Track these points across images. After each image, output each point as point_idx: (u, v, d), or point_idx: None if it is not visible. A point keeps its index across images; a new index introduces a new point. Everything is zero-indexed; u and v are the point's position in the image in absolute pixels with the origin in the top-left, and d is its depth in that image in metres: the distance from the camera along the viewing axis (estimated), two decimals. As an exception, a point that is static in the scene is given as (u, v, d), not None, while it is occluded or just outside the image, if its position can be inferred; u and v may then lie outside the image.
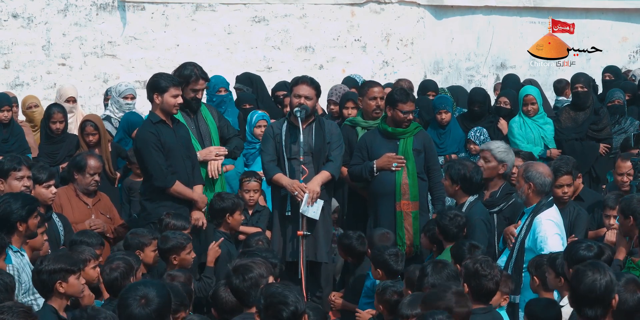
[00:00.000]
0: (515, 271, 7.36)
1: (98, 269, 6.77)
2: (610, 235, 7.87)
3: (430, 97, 11.58)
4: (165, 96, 8.29)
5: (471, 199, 8.19)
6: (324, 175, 8.76)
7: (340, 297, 8.31)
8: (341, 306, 8.27)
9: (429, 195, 9.12)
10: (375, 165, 8.88)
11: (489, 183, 8.55)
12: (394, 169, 8.85)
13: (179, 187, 8.26)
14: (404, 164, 8.86)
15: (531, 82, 12.69)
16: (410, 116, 9.01)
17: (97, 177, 8.61)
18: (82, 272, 6.38)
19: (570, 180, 8.55)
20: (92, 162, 8.58)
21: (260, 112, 10.50)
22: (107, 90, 12.07)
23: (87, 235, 7.38)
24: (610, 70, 13.46)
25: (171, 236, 7.36)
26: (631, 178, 8.66)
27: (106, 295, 6.59)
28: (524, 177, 7.51)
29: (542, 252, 7.11)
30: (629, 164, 8.73)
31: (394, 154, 8.90)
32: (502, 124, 11.11)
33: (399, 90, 9.20)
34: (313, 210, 8.60)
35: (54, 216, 7.87)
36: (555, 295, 6.62)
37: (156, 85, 8.34)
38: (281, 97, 11.58)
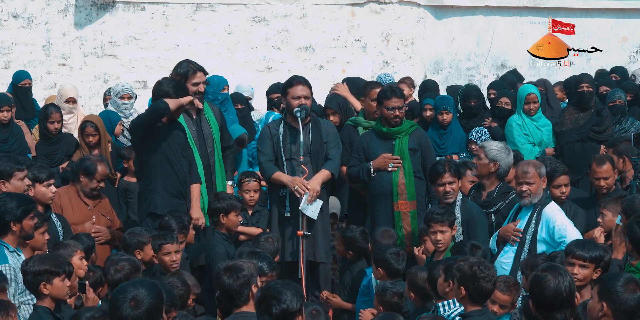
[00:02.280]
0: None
1: (84, 261, 6.78)
2: (597, 232, 7.78)
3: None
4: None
5: (458, 199, 8.21)
6: (324, 174, 8.76)
7: (334, 296, 8.30)
8: (337, 305, 8.26)
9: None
10: (371, 166, 8.86)
11: (485, 183, 8.57)
12: (390, 169, 8.83)
13: None
14: (400, 164, 8.85)
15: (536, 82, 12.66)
16: (397, 112, 8.92)
17: (102, 184, 8.66)
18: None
19: (568, 180, 8.57)
20: (101, 169, 8.61)
21: (277, 113, 10.53)
22: (106, 91, 12.08)
23: (78, 239, 7.36)
24: (617, 71, 13.44)
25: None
26: (607, 182, 8.71)
27: (91, 294, 6.58)
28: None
29: (564, 239, 7.35)
30: (604, 168, 8.74)
31: (390, 154, 8.88)
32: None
33: (385, 88, 9.16)
34: (312, 209, 8.58)
35: (53, 216, 7.87)
36: None
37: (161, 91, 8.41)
38: (275, 99, 11.50)
